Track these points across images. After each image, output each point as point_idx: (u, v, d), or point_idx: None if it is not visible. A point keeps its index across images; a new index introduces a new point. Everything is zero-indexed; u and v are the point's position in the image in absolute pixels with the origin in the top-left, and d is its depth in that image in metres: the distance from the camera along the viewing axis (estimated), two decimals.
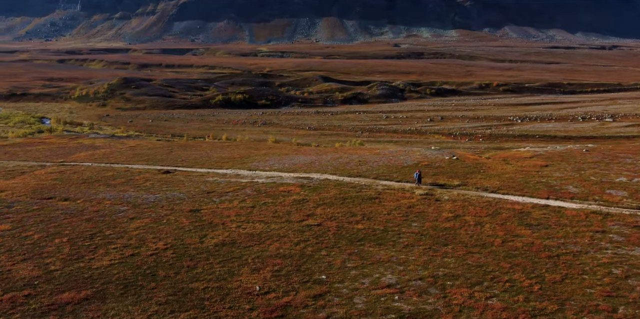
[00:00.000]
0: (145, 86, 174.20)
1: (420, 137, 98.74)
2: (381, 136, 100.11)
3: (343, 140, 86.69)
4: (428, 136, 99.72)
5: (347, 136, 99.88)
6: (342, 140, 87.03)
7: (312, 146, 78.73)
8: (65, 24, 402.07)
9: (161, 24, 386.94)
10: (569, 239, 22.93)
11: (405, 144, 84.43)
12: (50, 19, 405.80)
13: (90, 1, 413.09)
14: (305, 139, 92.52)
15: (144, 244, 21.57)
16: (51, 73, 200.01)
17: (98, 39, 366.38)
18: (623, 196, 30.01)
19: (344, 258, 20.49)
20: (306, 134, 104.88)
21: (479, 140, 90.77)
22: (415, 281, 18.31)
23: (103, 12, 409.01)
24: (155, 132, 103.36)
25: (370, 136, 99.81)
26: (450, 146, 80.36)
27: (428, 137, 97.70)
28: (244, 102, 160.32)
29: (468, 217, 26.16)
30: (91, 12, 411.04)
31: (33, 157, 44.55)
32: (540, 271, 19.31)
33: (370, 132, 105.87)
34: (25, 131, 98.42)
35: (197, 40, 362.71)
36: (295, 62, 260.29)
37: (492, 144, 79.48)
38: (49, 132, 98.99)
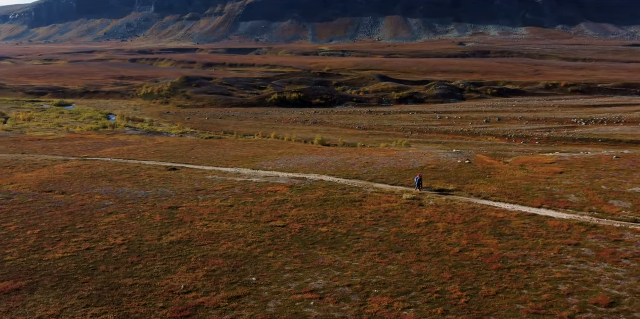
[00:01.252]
0: (206, 84, 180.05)
1: (472, 138, 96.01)
2: (430, 137, 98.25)
3: (390, 140, 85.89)
4: (480, 137, 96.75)
5: (396, 136, 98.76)
6: (389, 140, 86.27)
7: (358, 145, 78.72)
8: (139, 25, 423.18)
9: (227, 24, 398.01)
10: (533, 252, 21.78)
11: (454, 146, 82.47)
12: (126, 21, 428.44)
13: (162, 3, 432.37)
14: (352, 139, 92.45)
15: (104, 239, 22.63)
16: (122, 72, 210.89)
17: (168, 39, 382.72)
18: (624, 207, 28.05)
19: (287, 261, 20.55)
20: (354, 133, 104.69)
21: (534, 143, 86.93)
22: (343, 287, 18.10)
23: (174, 13, 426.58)
24: (209, 129, 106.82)
25: (419, 136, 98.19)
26: (502, 149, 77.79)
27: (480, 139, 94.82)
28: (299, 100, 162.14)
29: (440, 224, 25.42)
30: (163, 13, 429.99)
31: (63, 152, 47.49)
32: (479, 283, 18.53)
33: (420, 133, 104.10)
34: (91, 126, 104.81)
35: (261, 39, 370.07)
36: (355, 61, 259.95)
37: (547, 148, 76.10)
38: (112, 127, 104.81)
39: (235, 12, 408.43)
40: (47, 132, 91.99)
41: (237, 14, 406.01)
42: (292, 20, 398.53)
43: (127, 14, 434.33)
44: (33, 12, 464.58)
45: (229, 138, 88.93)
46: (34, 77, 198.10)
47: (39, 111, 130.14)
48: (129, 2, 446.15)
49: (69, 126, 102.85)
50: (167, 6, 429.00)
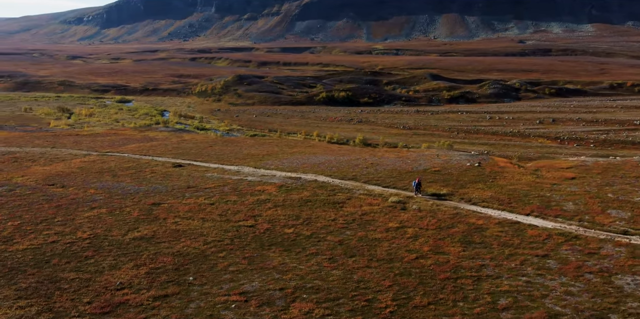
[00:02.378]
0: (257, 82, 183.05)
1: (521, 140, 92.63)
2: (477, 138, 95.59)
3: (433, 141, 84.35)
4: (530, 139, 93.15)
5: (441, 136, 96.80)
6: (432, 140, 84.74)
7: (399, 145, 77.89)
8: (201, 25, 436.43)
9: (284, 24, 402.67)
10: (494, 262, 20.77)
11: (501, 148, 79.99)
12: (189, 21, 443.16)
13: (223, 4, 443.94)
14: (395, 139, 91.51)
15: (73, 233, 23.55)
16: (181, 70, 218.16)
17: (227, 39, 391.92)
18: (620, 218, 26.21)
19: (234, 261, 20.64)
20: (398, 133, 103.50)
21: (589, 146, 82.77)
22: (274, 291, 17.95)
23: (233, 13, 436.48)
24: (255, 126, 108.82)
25: (465, 137, 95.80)
26: (551, 152, 74.65)
27: (530, 141, 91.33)
28: (347, 99, 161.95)
29: (411, 229, 24.71)
30: (223, 14, 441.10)
31: (89, 147, 49.74)
32: (416, 293, 17.87)
33: (467, 134, 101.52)
34: (145, 122, 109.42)
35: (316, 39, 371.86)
36: (408, 59, 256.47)
37: (601, 151, 72.28)
38: (164, 124, 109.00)
39: (291, 12, 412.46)
40: (104, 127, 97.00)
41: (294, 13, 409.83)
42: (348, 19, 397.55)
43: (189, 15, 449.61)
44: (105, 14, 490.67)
45: (272, 136, 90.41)
46: (100, 76, 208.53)
47: (101, 107, 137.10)
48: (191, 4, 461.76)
49: (125, 121, 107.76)
50: (227, 7, 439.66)
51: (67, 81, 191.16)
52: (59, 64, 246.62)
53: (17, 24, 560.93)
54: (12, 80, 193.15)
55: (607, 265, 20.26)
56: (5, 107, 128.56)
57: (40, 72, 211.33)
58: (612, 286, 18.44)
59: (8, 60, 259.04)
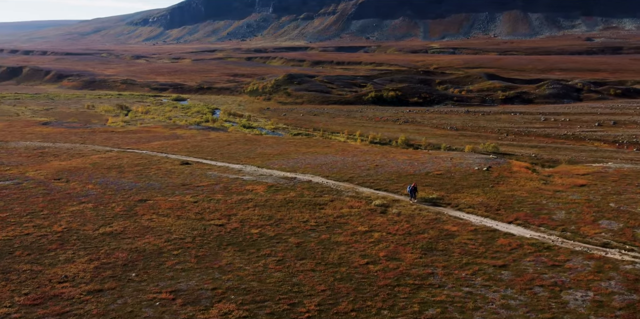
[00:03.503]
0: (307, 81, 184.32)
1: (575, 143, 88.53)
2: (527, 140, 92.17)
3: (478, 142, 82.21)
4: (585, 142, 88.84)
5: (488, 138, 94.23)
6: (478, 142, 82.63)
7: (442, 146, 76.54)
8: (258, 25, 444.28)
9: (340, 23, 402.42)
10: (445, 270, 20.08)
11: (551, 151, 76.89)
12: (247, 22, 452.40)
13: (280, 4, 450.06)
14: (439, 139, 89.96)
15: (50, 226, 24.73)
16: (236, 70, 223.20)
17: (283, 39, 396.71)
18: (609, 229, 24.62)
19: (185, 260, 21.00)
20: (444, 134, 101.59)
21: None
22: (206, 290, 18.14)
23: (290, 13, 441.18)
24: (301, 125, 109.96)
25: (514, 139, 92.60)
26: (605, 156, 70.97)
27: (584, 144, 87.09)
28: (396, 99, 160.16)
29: (378, 234, 24.26)
30: (280, 14, 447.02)
31: (114, 144, 51.99)
32: (345, 299, 17.52)
33: (517, 135, 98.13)
34: (196, 119, 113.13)
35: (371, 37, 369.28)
36: (465, 58, 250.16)
37: None
38: (212, 122, 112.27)
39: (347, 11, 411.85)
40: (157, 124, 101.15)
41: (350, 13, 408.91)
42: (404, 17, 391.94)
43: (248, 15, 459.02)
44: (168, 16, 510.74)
45: (315, 135, 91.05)
46: (160, 75, 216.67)
47: (157, 105, 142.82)
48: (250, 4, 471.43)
49: (177, 119, 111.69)
50: (284, 7, 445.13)
51: (129, 80, 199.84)
52: (124, 64, 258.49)
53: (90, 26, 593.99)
54: (80, 79, 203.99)
55: (564, 279, 19.10)
56: (72, 104, 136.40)
57: (106, 71, 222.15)
58: (557, 301, 17.39)
59: (78, 60, 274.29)
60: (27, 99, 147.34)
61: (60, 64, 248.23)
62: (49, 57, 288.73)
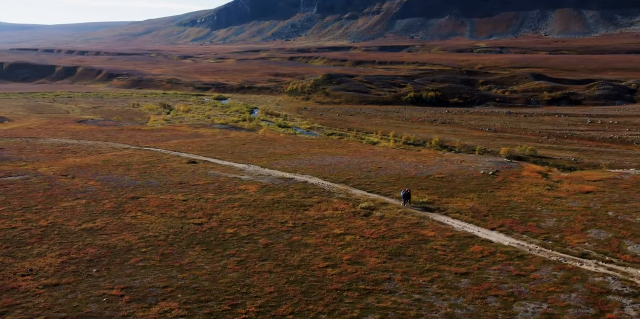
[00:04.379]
0: (346, 81, 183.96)
1: (621, 147, 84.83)
2: (569, 143, 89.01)
3: (516, 145, 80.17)
4: (632, 146, 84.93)
5: (527, 140, 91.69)
6: (515, 145, 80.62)
7: (477, 149, 75.19)
8: (302, 25, 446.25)
9: (384, 22, 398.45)
10: (404, 276, 19.69)
11: (593, 155, 74.12)
12: (291, 22, 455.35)
13: (325, 4, 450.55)
14: (475, 141, 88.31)
15: (37, 221, 25.74)
16: (278, 69, 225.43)
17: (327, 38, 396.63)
18: (595, 239, 23.49)
19: (149, 257, 21.40)
20: (481, 135, 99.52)
21: None
22: (157, 288, 18.44)
23: (334, 13, 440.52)
24: (336, 125, 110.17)
25: (555, 142, 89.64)
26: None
27: (631, 148, 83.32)
28: (435, 99, 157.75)
29: (350, 237, 24.05)
30: (325, 14, 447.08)
31: (135, 141, 53.57)
32: (289, 302, 17.47)
33: (558, 138, 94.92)
34: (234, 118, 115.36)
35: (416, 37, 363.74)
36: (512, 58, 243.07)
37: None
38: (249, 121, 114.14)
39: (392, 10, 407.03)
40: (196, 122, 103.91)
41: (394, 12, 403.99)
42: (451, 16, 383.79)
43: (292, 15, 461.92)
44: (215, 17, 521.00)
45: (349, 135, 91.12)
46: (204, 74, 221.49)
47: (199, 104, 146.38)
48: (295, 4, 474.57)
49: (216, 118, 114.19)
50: (328, 7, 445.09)
51: (174, 79, 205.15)
52: (171, 64, 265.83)
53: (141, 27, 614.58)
54: (128, 78, 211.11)
55: (523, 289, 18.36)
56: (119, 103, 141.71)
57: (153, 71, 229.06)
58: (506, 312, 16.75)
59: (128, 60, 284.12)
60: (78, 97, 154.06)
61: (111, 63, 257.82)
62: (101, 57, 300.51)
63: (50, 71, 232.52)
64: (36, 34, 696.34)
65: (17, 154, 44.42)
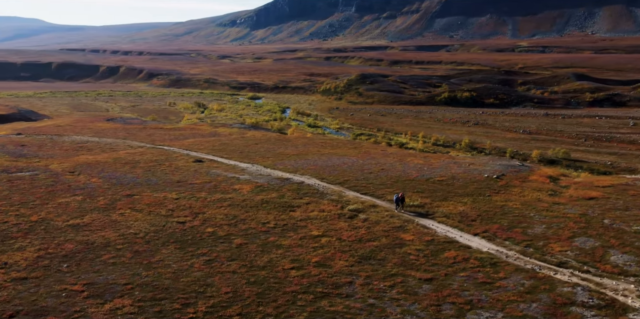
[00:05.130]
0: (380, 81, 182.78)
1: None
2: (607, 146, 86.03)
3: (550, 147, 78.24)
4: None
5: (562, 143, 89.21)
6: (549, 147, 78.70)
7: (507, 151, 73.77)
8: (340, 25, 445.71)
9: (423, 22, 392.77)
10: (366, 280, 19.44)
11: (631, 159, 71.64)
12: (329, 21, 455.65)
13: (363, 3, 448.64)
14: (507, 143, 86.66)
15: (29, 216, 26.55)
16: (313, 69, 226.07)
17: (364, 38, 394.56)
18: (580, 248, 22.60)
19: (121, 254, 21.77)
20: (514, 137, 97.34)
21: None
22: (118, 285, 18.74)
23: (373, 12, 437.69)
24: (365, 126, 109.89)
25: (592, 145, 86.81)
26: None
27: None
28: (470, 100, 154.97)
29: (327, 239, 23.91)
30: (363, 13, 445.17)
31: (152, 140, 54.76)
32: (241, 303, 17.50)
33: (596, 141, 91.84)
34: (265, 118, 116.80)
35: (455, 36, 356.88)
36: (555, 57, 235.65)
37: None
38: (279, 120, 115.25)
39: (431, 9, 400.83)
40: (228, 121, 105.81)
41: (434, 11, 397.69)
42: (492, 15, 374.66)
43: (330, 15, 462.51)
44: (255, 17, 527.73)
45: (378, 135, 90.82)
46: (241, 74, 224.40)
47: (233, 103, 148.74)
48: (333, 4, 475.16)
49: (248, 117, 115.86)
50: (367, 6, 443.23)
51: (211, 79, 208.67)
52: (209, 63, 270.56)
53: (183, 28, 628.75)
54: (168, 77, 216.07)
55: (483, 298, 17.80)
56: (156, 102, 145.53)
57: (192, 70, 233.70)
58: None
59: (169, 60, 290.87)
60: (119, 96, 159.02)
61: (152, 63, 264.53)
62: (144, 57, 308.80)
63: (94, 71, 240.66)
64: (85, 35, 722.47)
65: (36, 151, 46.17)
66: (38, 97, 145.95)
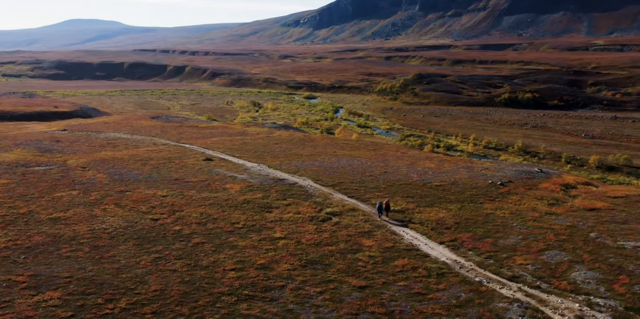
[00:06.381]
0: (437, 81, 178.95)
1: None
2: None
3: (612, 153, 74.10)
4: None
5: (628, 148, 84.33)
6: (611, 153, 74.57)
7: (563, 156, 70.90)
8: (403, 24, 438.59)
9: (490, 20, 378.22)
10: (300, 285, 19.17)
11: None
12: (392, 20, 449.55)
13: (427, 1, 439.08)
14: (564, 148, 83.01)
15: (19, 208, 27.95)
16: (372, 69, 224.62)
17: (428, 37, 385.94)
18: (544, 262, 21.33)
19: (79, 249, 22.56)
20: (573, 141, 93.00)
21: None
22: (59, 278, 19.29)
23: (437, 11, 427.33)
24: (416, 127, 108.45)
25: None
26: None
27: None
28: (532, 101, 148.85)
29: (285, 241, 23.81)
30: (427, 11, 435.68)
31: (178, 138, 56.40)
32: (161, 302, 17.69)
33: None
34: (316, 117, 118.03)
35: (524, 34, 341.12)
36: (634, 56, 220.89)
37: None
38: (330, 120, 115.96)
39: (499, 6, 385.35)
40: (280, 120, 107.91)
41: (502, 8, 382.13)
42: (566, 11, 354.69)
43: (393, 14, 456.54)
44: (318, 17, 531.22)
45: (427, 137, 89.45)
46: (299, 73, 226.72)
47: (287, 103, 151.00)
48: (396, 3, 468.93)
49: (300, 116, 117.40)
50: (431, 4, 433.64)
51: (270, 78, 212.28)
52: (271, 63, 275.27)
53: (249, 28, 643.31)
54: (229, 77, 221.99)
55: (407, 309, 17.06)
56: (215, 100, 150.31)
57: (253, 70, 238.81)
58: None
59: (232, 60, 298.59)
60: (182, 94, 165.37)
61: (217, 63, 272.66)
62: (209, 57, 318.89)
63: (162, 70, 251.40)
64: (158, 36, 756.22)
65: (65, 147, 48.83)
66: (108, 95, 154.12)
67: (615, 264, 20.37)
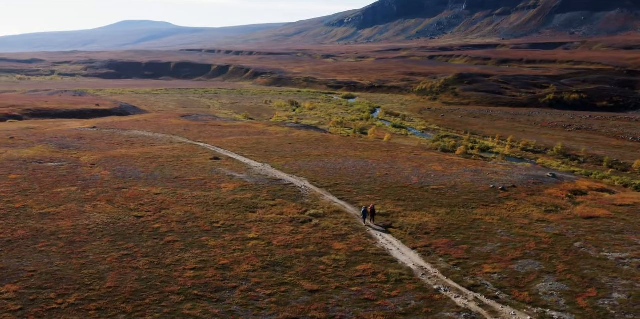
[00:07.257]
0: (479, 81, 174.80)
1: None
2: None
3: None
4: None
5: None
6: None
7: (604, 160, 68.52)
8: (449, 22, 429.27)
9: (540, 18, 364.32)
10: (253, 287, 18.99)
11: None
12: (437, 19, 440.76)
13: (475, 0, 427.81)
14: (607, 151, 80.00)
15: (15, 203, 29.02)
16: (414, 68, 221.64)
17: (474, 36, 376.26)
18: (513, 271, 20.64)
19: (55, 243, 23.20)
20: (618, 145, 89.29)
21: None
22: (23, 272, 19.95)
23: (485, 9, 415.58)
24: (454, 127, 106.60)
25: None
26: None
27: None
28: (578, 102, 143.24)
29: (255, 242, 23.80)
30: (474, 10, 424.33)
31: (195, 137, 57.29)
32: (109, 298, 17.95)
33: None
34: (351, 117, 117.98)
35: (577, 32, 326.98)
36: None
37: None
38: (365, 120, 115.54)
39: (551, 4, 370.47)
40: (315, 120, 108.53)
41: (553, 6, 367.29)
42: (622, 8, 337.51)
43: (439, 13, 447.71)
44: (362, 16, 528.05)
45: (464, 138, 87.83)
46: (340, 73, 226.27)
47: (325, 102, 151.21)
48: (442, 2, 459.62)
49: (335, 116, 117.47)
50: (479, 3, 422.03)
51: (310, 78, 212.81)
52: (313, 63, 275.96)
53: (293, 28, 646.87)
54: (271, 76, 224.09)
55: (348, 315, 16.70)
56: (254, 100, 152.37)
57: (294, 69, 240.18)
58: None
59: (275, 59, 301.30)
60: (223, 93, 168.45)
61: (260, 63, 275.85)
62: (253, 57, 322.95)
63: (207, 70, 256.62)
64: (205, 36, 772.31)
65: (84, 144, 50.44)
66: (153, 93, 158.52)
67: (588, 276, 19.20)
